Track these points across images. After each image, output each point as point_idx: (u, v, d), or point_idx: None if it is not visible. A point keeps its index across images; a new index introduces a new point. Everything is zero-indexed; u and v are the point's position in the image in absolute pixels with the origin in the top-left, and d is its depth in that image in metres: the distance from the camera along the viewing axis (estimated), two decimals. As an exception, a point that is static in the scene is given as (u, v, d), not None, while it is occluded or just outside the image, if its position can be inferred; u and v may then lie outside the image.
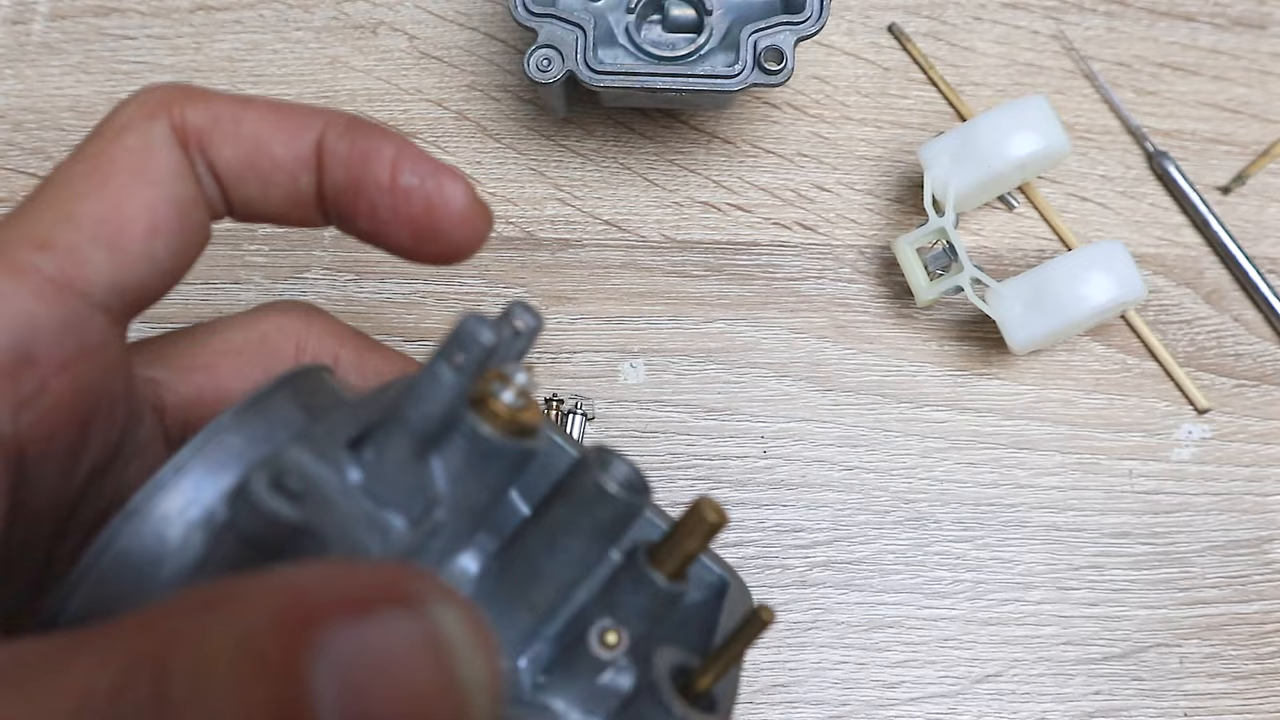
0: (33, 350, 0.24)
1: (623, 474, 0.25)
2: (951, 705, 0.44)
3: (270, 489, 0.21)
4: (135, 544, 0.23)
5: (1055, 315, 0.43)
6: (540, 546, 0.25)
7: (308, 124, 0.27)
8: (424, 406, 0.23)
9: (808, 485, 0.46)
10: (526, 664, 0.25)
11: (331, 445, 0.22)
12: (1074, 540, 0.46)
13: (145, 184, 0.25)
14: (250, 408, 0.24)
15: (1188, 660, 0.45)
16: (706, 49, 0.44)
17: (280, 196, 0.27)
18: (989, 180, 0.45)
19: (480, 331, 0.23)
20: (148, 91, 0.27)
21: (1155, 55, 0.50)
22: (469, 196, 0.27)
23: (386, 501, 0.23)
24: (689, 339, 0.47)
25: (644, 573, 0.25)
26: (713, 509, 0.25)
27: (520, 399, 0.24)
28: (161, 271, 0.26)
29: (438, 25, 0.50)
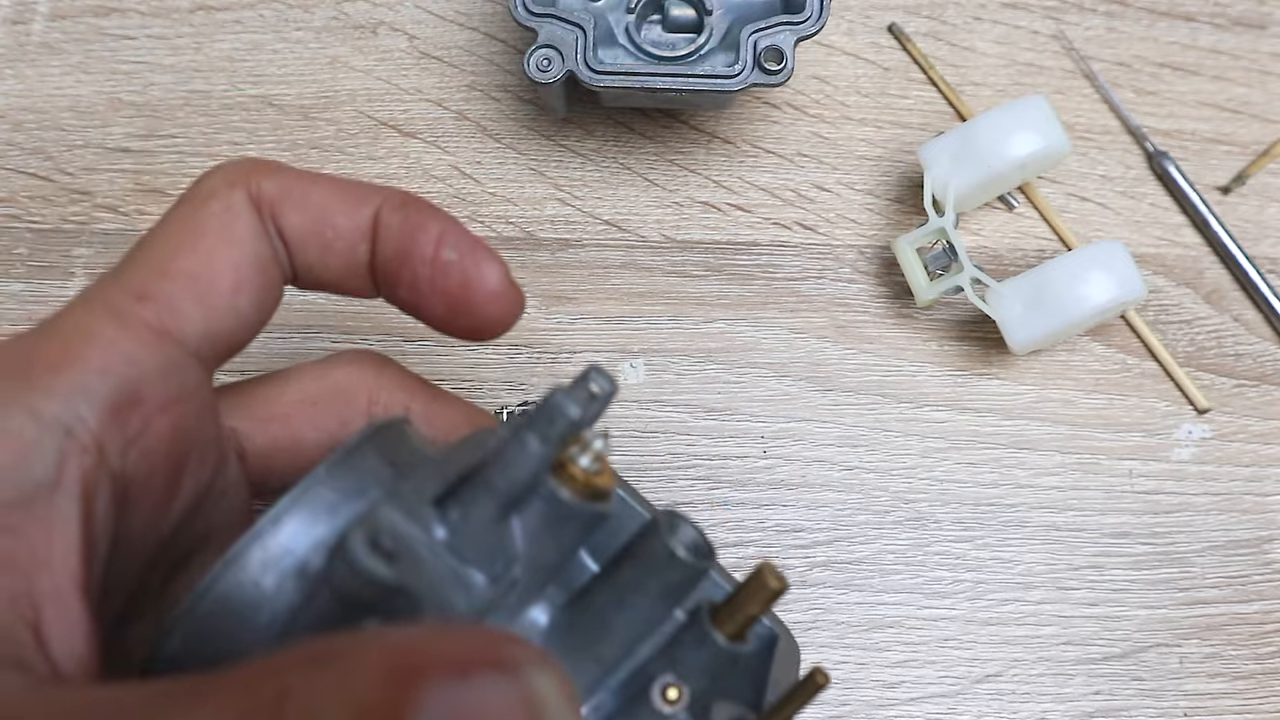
0: (139, 392, 0.26)
1: (690, 539, 0.27)
2: (951, 705, 0.44)
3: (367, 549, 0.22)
4: (234, 590, 0.24)
5: (1055, 315, 0.43)
6: (609, 603, 0.27)
7: (367, 198, 0.29)
8: (510, 473, 0.25)
9: (808, 485, 0.46)
10: (589, 712, 0.27)
11: (420, 504, 0.24)
12: (1074, 540, 0.46)
13: (229, 245, 0.28)
14: (341, 462, 0.25)
15: (1188, 660, 0.45)
16: (706, 49, 0.44)
17: (338, 263, 0.29)
18: (989, 180, 0.45)
19: (569, 408, 0.25)
20: (230, 164, 0.29)
21: (1155, 55, 0.50)
22: (503, 277, 0.29)
23: (469, 559, 0.24)
24: (689, 339, 0.47)
25: (707, 632, 0.26)
26: (774, 576, 0.26)
27: (596, 464, 0.26)
28: (245, 323, 0.28)
29: (438, 25, 0.50)
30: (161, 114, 0.48)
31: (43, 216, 0.47)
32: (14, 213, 0.47)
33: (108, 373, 0.25)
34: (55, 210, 0.47)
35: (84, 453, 0.24)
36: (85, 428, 0.25)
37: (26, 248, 0.47)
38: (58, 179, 0.48)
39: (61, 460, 0.24)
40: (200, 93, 0.48)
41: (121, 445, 0.25)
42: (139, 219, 0.47)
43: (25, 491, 0.23)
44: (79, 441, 0.24)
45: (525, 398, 0.46)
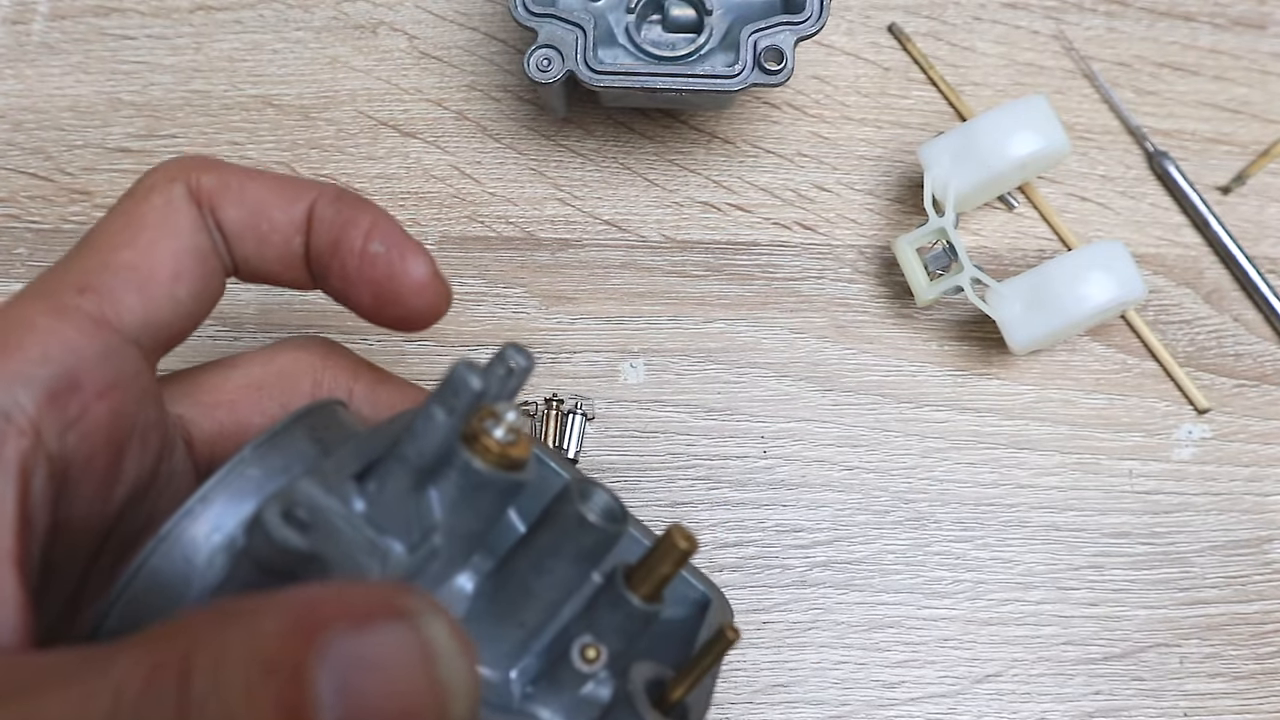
0: (77, 377, 0.27)
1: (601, 504, 0.28)
2: (951, 705, 0.44)
3: (281, 520, 0.23)
4: (165, 565, 0.25)
5: (1055, 315, 0.43)
6: (529, 569, 0.27)
7: (302, 193, 0.30)
8: (420, 444, 0.25)
9: (808, 485, 0.46)
10: (516, 675, 0.28)
11: (339, 478, 0.25)
12: (1074, 540, 0.46)
13: (169, 236, 0.29)
14: (267, 442, 0.27)
15: (1188, 660, 0.45)
16: (706, 49, 0.44)
17: (274, 255, 0.30)
18: (989, 180, 0.45)
19: (470, 379, 0.25)
20: (170, 161, 0.30)
21: (1155, 55, 0.50)
22: (429, 270, 0.30)
23: (387, 529, 0.25)
24: (689, 339, 0.47)
25: (621, 594, 0.27)
26: (683, 536, 0.27)
27: (510, 435, 0.26)
28: (184, 313, 0.29)
29: (438, 25, 0.50)
30: (161, 114, 0.48)
31: (43, 216, 0.47)
32: (14, 212, 0.47)
33: (46, 360, 0.26)
34: (55, 210, 0.47)
35: (21, 436, 0.26)
36: (22, 412, 0.26)
37: (26, 248, 0.47)
38: (58, 179, 0.48)
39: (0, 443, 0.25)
40: (200, 93, 0.48)
41: (59, 429, 0.26)
42: (139, 219, 0.47)
43: None
44: (16, 425, 0.26)
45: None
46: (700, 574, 0.32)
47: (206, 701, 0.19)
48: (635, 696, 0.27)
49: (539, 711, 0.27)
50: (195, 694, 0.19)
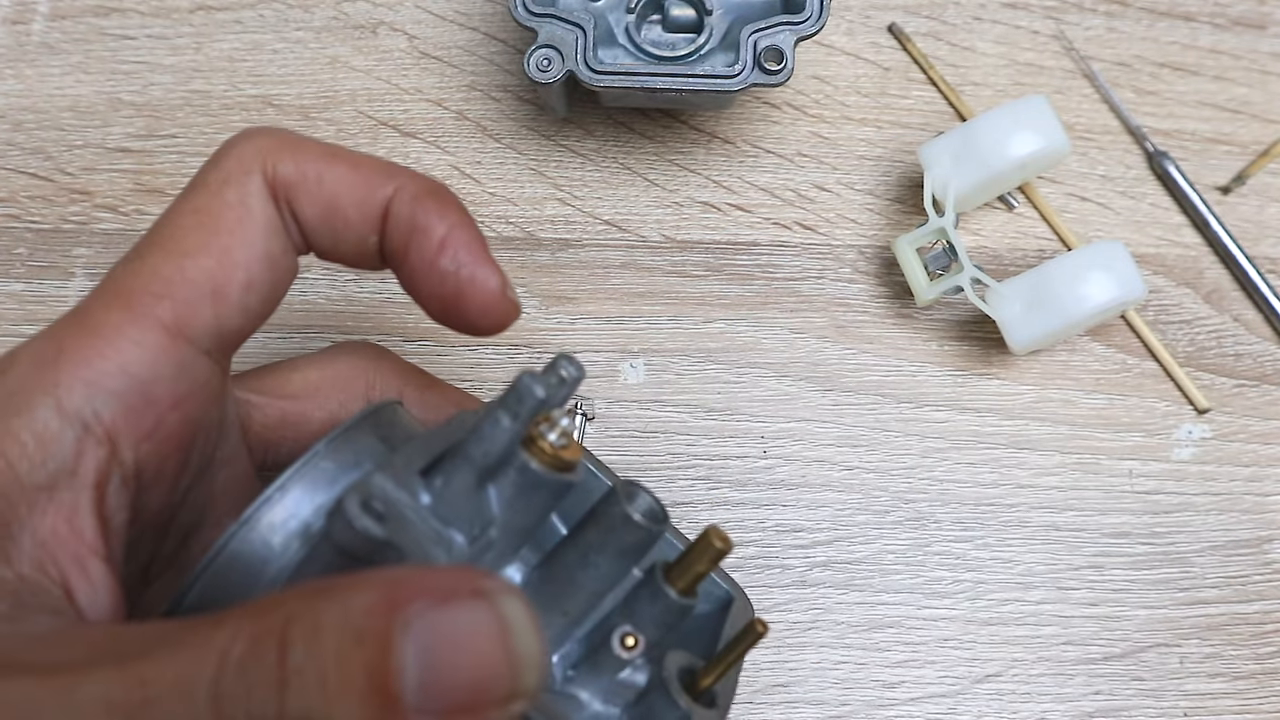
0: (153, 393, 0.28)
1: (645, 506, 0.30)
2: (951, 705, 0.44)
3: (360, 509, 0.25)
4: (245, 548, 0.27)
5: (1055, 315, 0.43)
6: (575, 562, 0.30)
7: (380, 185, 0.30)
8: (485, 446, 0.28)
9: (808, 485, 0.46)
10: (558, 660, 0.30)
11: (408, 473, 0.27)
12: (1074, 540, 0.46)
13: (243, 244, 0.30)
14: (340, 438, 0.29)
15: (1188, 660, 0.45)
16: (706, 49, 0.44)
17: (348, 249, 0.31)
18: (989, 180, 0.45)
19: (535, 388, 0.28)
20: (247, 143, 0.31)
21: (1155, 55, 0.50)
22: (498, 294, 0.30)
23: (450, 521, 0.28)
24: (689, 339, 0.47)
25: (660, 588, 0.29)
26: (719, 537, 0.29)
27: (563, 439, 0.29)
28: (253, 317, 0.30)
29: (437, 25, 0.50)
30: (161, 114, 0.48)
31: (43, 216, 0.47)
32: (14, 212, 0.47)
33: (124, 374, 0.28)
34: (55, 210, 0.47)
35: (99, 445, 0.27)
36: (100, 424, 0.27)
37: (26, 248, 0.47)
38: (58, 179, 0.48)
39: (79, 451, 0.27)
40: (200, 93, 0.48)
41: (134, 440, 0.28)
42: (139, 219, 0.47)
43: (50, 476, 0.27)
44: (94, 436, 0.27)
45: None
46: (725, 574, 0.35)
47: (303, 667, 0.21)
48: (670, 682, 0.29)
49: (579, 693, 0.30)
50: (293, 660, 0.21)
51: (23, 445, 0.27)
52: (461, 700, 0.21)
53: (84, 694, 0.22)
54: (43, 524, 0.27)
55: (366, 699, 0.20)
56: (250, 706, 0.21)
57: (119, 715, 0.22)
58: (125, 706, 0.22)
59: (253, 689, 0.21)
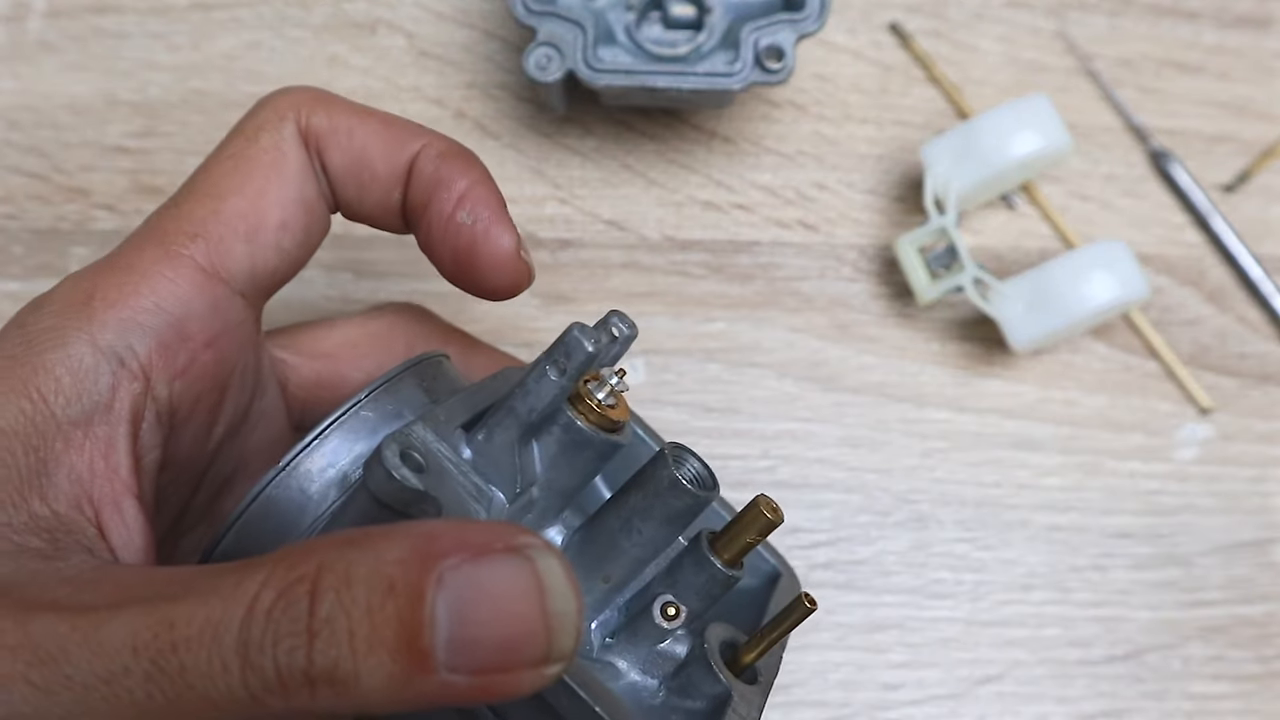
0: (186, 328, 0.29)
1: (694, 471, 0.29)
2: (953, 707, 0.44)
3: (399, 459, 0.24)
4: (282, 494, 0.27)
5: (1057, 315, 0.43)
6: (618, 527, 0.29)
7: (409, 142, 0.31)
8: (530, 400, 0.27)
9: (809, 485, 0.46)
10: (597, 627, 0.29)
11: (449, 426, 0.27)
12: (1076, 541, 0.46)
13: (277, 184, 0.30)
14: (382, 388, 0.28)
15: (1190, 662, 0.45)
16: (707, 47, 0.43)
17: (373, 203, 0.31)
18: (991, 179, 0.44)
19: (585, 341, 0.27)
20: (283, 94, 0.31)
21: (1158, 53, 0.50)
22: (510, 249, 0.30)
23: (491, 478, 0.27)
24: (689, 339, 0.47)
25: (705, 557, 0.28)
26: (769, 508, 0.28)
27: (611, 398, 0.28)
28: (289, 260, 0.31)
29: (436, 23, 0.49)
30: (159, 112, 0.48)
31: (39, 215, 0.47)
32: (11, 212, 0.47)
33: (159, 311, 0.28)
34: (52, 209, 0.47)
35: (134, 380, 0.28)
36: (135, 358, 0.28)
37: (23, 247, 0.47)
38: (54, 178, 0.47)
39: (114, 386, 0.27)
40: (198, 91, 0.48)
41: (168, 377, 0.28)
42: (136, 218, 0.47)
43: (85, 412, 0.27)
44: (129, 370, 0.28)
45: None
46: (774, 549, 0.34)
47: (333, 616, 0.20)
48: (711, 654, 0.28)
49: (616, 661, 0.29)
50: (323, 609, 0.21)
51: (58, 380, 0.27)
52: (494, 660, 0.21)
53: (110, 634, 0.22)
54: (79, 460, 0.27)
55: (396, 654, 0.20)
56: (278, 655, 0.21)
57: (144, 658, 0.22)
58: (151, 649, 0.22)
59: (281, 638, 0.21)
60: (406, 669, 0.20)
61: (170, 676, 0.22)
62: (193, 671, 0.21)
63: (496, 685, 0.21)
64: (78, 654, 0.22)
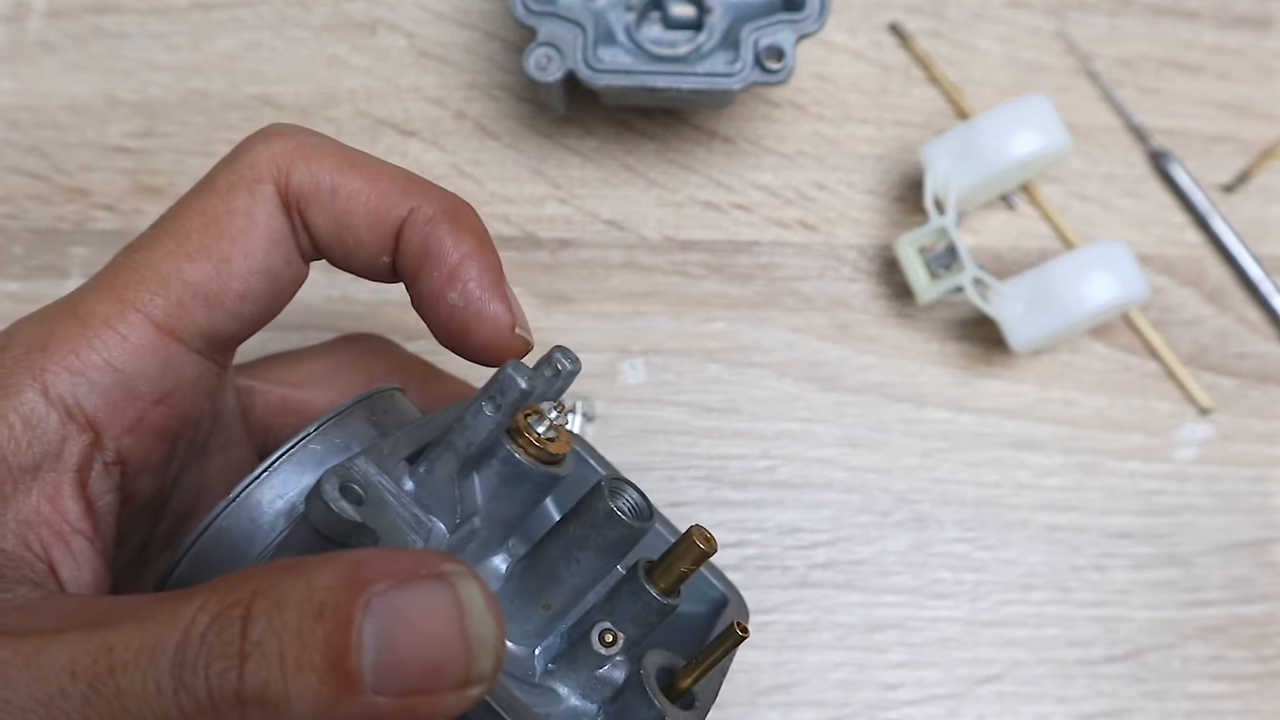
0: (136, 388, 0.29)
1: (630, 502, 0.29)
2: (953, 707, 0.44)
3: (339, 492, 0.25)
4: (233, 524, 0.28)
5: (1057, 315, 0.43)
6: (557, 556, 0.30)
7: (396, 205, 0.30)
8: (468, 435, 0.28)
9: (808, 485, 0.46)
10: (540, 653, 0.30)
11: (393, 459, 0.28)
12: (1076, 541, 0.46)
13: (243, 254, 0.30)
14: (330, 422, 0.29)
15: (1190, 662, 0.45)
16: (707, 47, 0.43)
17: (360, 265, 0.31)
18: (991, 179, 0.44)
19: (518, 379, 0.28)
20: (264, 143, 0.30)
21: (1158, 54, 0.50)
22: (504, 331, 0.30)
23: (432, 509, 0.28)
24: (689, 339, 0.47)
25: (641, 587, 0.29)
26: (702, 538, 0.29)
27: (551, 431, 0.29)
28: (248, 323, 0.31)
29: (436, 23, 0.49)
30: (159, 113, 0.48)
31: (40, 215, 0.47)
32: (11, 212, 0.47)
33: (109, 368, 0.29)
34: (52, 209, 0.47)
35: (81, 432, 0.28)
36: (83, 412, 0.28)
37: (23, 247, 0.47)
38: (55, 178, 0.47)
39: (63, 436, 0.28)
40: (198, 91, 0.48)
41: (117, 432, 0.29)
42: (136, 218, 0.47)
43: (35, 459, 0.28)
44: (77, 423, 0.28)
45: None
46: (721, 574, 0.34)
47: (265, 639, 0.21)
48: (647, 680, 0.29)
49: (557, 687, 0.30)
50: (255, 632, 0.21)
51: (10, 427, 0.28)
52: (417, 682, 0.21)
53: (49, 657, 0.23)
54: (26, 503, 0.27)
55: (324, 676, 0.21)
56: (210, 677, 0.21)
57: (82, 681, 0.22)
58: (89, 672, 0.22)
59: (214, 660, 0.21)
60: (334, 691, 0.21)
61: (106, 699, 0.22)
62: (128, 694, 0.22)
63: (421, 707, 0.21)
64: (17, 677, 0.23)
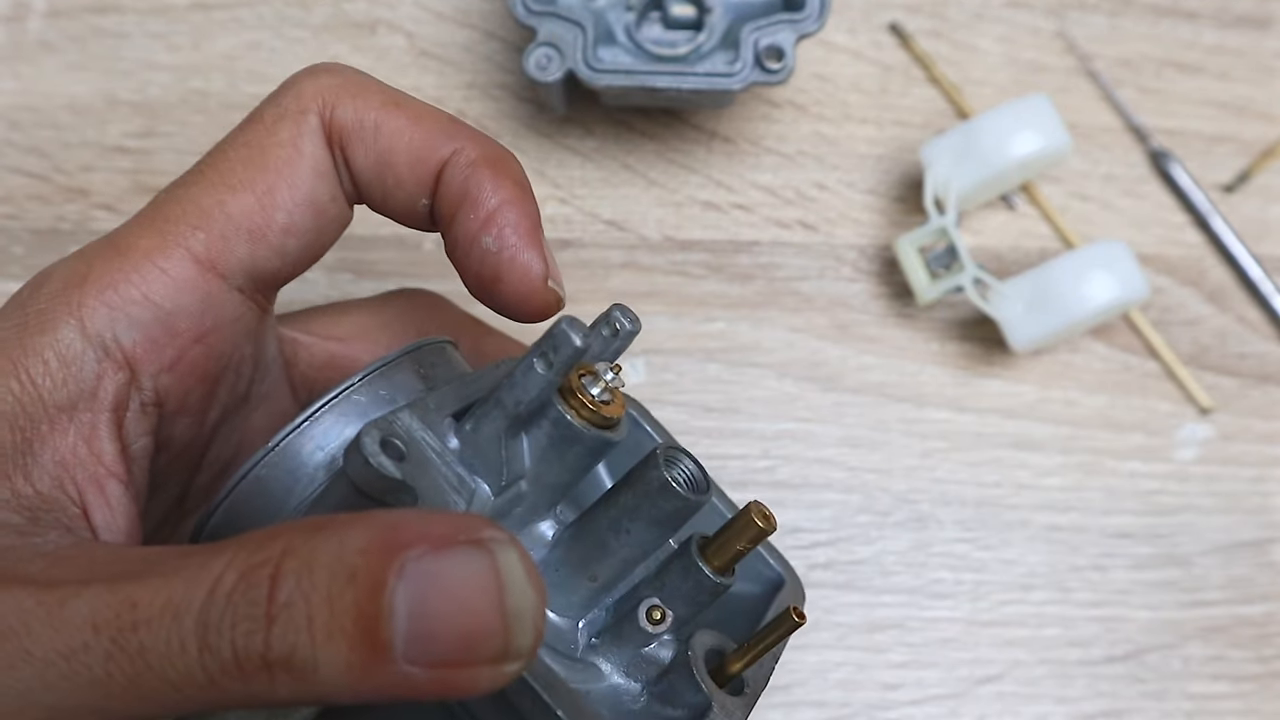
0: (175, 324, 0.28)
1: (686, 472, 0.28)
2: (953, 707, 0.44)
3: (379, 447, 0.24)
4: (270, 475, 0.27)
5: (1057, 315, 0.43)
6: (607, 527, 0.28)
7: (439, 146, 0.29)
8: (517, 393, 0.27)
9: (808, 485, 0.46)
10: (584, 625, 0.28)
11: (438, 414, 0.26)
12: (1076, 541, 0.45)
13: (289, 184, 0.29)
14: (377, 372, 0.28)
15: (1190, 662, 0.45)
16: (707, 47, 0.43)
17: (398, 206, 0.30)
18: (991, 179, 0.44)
19: (573, 335, 0.26)
20: (310, 76, 0.30)
21: (1158, 53, 0.50)
22: (536, 281, 0.29)
23: (477, 469, 0.27)
24: (689, 339, 0.47)
25: (693, 563, 0.28)
26: (761, 515, 0.27)
27: (606, 394, 0.27)
28: (291, 262, 0.30)
29: (436, 23, 0.49)
30: (159, 113, 0.48)
31: (40, 215, 0.47)
32: (11, 212, 0.47)
33: (148, 302, 0.28)
34: (52, 209, 0.47)
35: (118, 370, 0.28)
36: (120, 349, 0.28)
37: (23, 247, 0.47)
38: (55, 178, 0.47)
39: (99, 374, 0.27)
40: (198, 91, 0.48)
41: (154, 370, 0.28)
42: (136, 218, 0.47)
43: (71, 397, 0.27)
44: (114, 360, 0.28)
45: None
46: (779, 554, 0.33)
47: (292, 602, 0.20)
48: (695, 662, 0.27)
49: (600, 662, 0.28)
50: (282, 594, 0.20)
51: (46, 364, 0.27)
52: (451, 654, 0.20)
53: (73, 610, 0.22)
54: (63, 443, 0.27)
55: (354, 643, 0.20)
56: (235, 638, 0.21)
57: (104, 635, 0.22)
58: (112, 627, 0.22)
59: (239, 621, 0.21)
60: (364, 659, 0.20)
61: (129, 655, 0.21)
62: (151, 651, 0.21)
63: (455, 680, 0.20)
64: (40, 629, 0.22)
